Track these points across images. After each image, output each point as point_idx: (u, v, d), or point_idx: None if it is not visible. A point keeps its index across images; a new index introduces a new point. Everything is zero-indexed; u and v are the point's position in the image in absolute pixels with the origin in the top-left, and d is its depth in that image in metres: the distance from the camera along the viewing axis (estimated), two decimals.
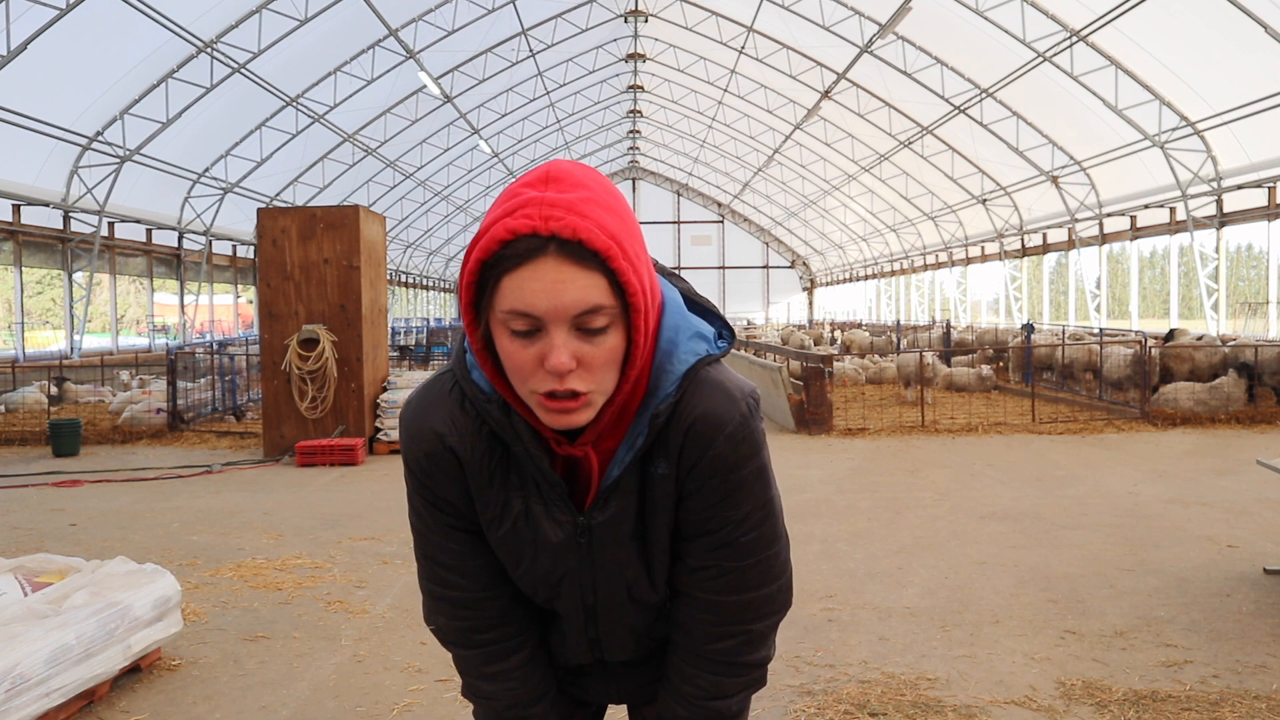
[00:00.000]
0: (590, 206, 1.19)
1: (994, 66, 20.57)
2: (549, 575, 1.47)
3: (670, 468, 1.38)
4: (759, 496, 1.43)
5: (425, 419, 1.42)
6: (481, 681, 1.57)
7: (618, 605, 1.51)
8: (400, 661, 4.41)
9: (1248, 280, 26.44)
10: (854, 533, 6.83)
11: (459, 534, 1.49)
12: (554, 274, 1.16)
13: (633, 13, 27.91)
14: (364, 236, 10.90)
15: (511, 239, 1.17)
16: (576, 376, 1.21)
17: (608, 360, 1.23)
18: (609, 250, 1.18)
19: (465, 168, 37.23)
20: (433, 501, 1.47)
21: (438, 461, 1.42)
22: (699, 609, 1.49)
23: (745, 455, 1.38)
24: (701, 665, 1.52)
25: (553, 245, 1.16)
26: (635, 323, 1.23)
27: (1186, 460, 9.70)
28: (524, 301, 1.17)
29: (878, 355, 20.13)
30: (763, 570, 1.47)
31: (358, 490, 8.84)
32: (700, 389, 1.35)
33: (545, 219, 1.16)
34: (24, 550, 6.42)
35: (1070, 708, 3.76)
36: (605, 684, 1.68)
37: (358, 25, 21.32)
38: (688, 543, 1.46)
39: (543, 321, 1.18)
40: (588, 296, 1.18)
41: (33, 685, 3.52)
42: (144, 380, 17.04)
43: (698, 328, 1.39)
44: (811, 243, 47.65)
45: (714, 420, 1.35)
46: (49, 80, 16.48)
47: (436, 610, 1.55)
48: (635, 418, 1.34)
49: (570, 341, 1.20)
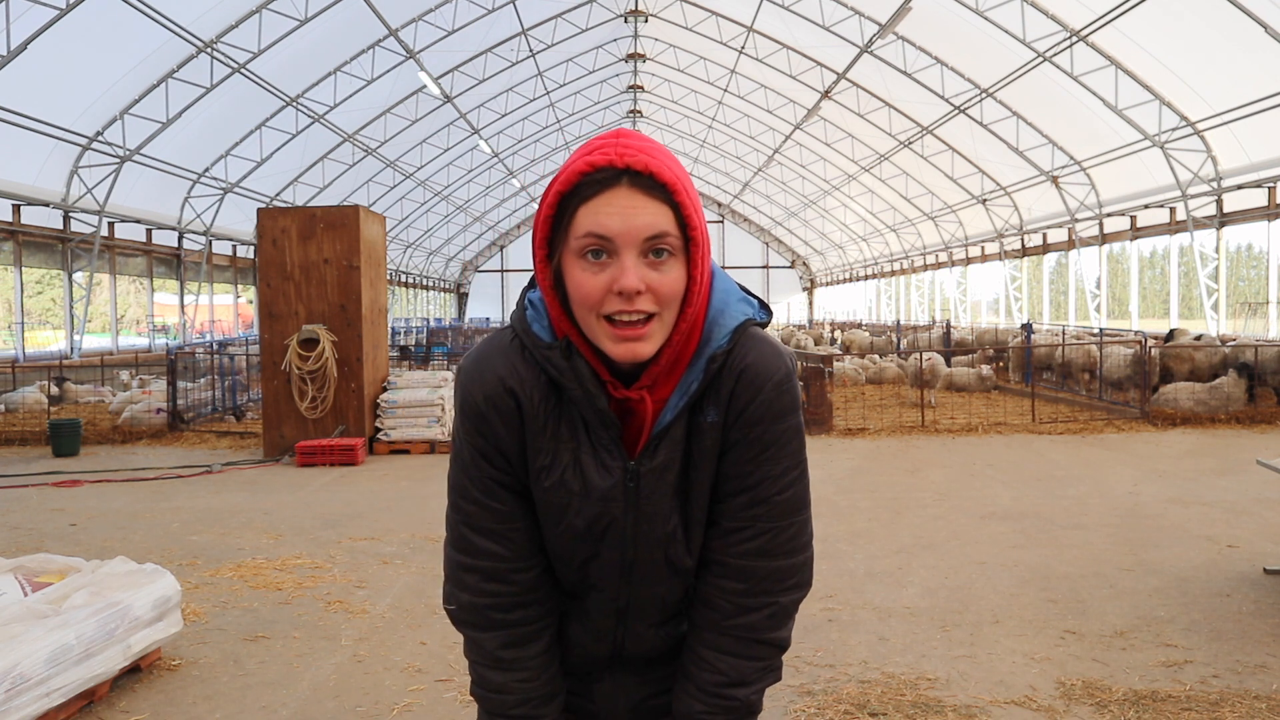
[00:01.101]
0: (658, 151, 1.35)
1: (994, 66, 20.57)
2: (592, 527, 1.49)
3: (719, 414, 1.46)
4: (795, 455, 1.50)
5: (487, 366, 1.48)
6: (494, 672, 1.55)
7: (654, 565, 1.53)
8: (400, 661, 4.41)
9: (1248, 280, 26.43)
10: (854, 533, 6.83)
11: (503, 491, 1.50)
12: (627, 200, 1.32)
13: (633, 13, 27.91)
14: (364, 236, 10.90)
15: (591, 170, 1.32)
16: (643, 299, 1.32)
17: (671, 289, 1.35)
18: (675, 184, 1.33)
19: (465, 168, 37.22)
20: (483, 453, 1.49)
21: (497, 404, 1.46)
22: (729, 576, 1.52)
23: (788, 407, 1.48)
24: (724, 645, 1.53)
25: (626, 177, 1.32)
26: (694, 257, 1.36)
27: (1186, 460, 9.70)
28: (600, 224, 1.31)
29: (877, 355, 20.13)
30: (794, 535, 1.52)
31: (358, 490, 8.84)
32: (751, 341, 1.46)
33: (621, 154, 1.32)
34: (24, 550, 6.42)
35: (1070, 708, 3.76)
36: (614, 693, 1.67)
37: (358, 25, 21.31)
38: (725, 502, 1.51)
39: (615, 244, 1.31)
40: (657, 222, 1.32)
41: (33, 685, 3.52)
42: (144, 380, 17.04)
43: (745, 295, 1.51)
44: (811, 243, 47.65)
45: (764, 368, 1.45)
46: (49, 80, 16.47)
47: (461, 585, 1.54)
48: (689, 365, 1.43)
49: (639, 265, 1.32)
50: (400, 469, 9.99)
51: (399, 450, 11.00)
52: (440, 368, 20.62)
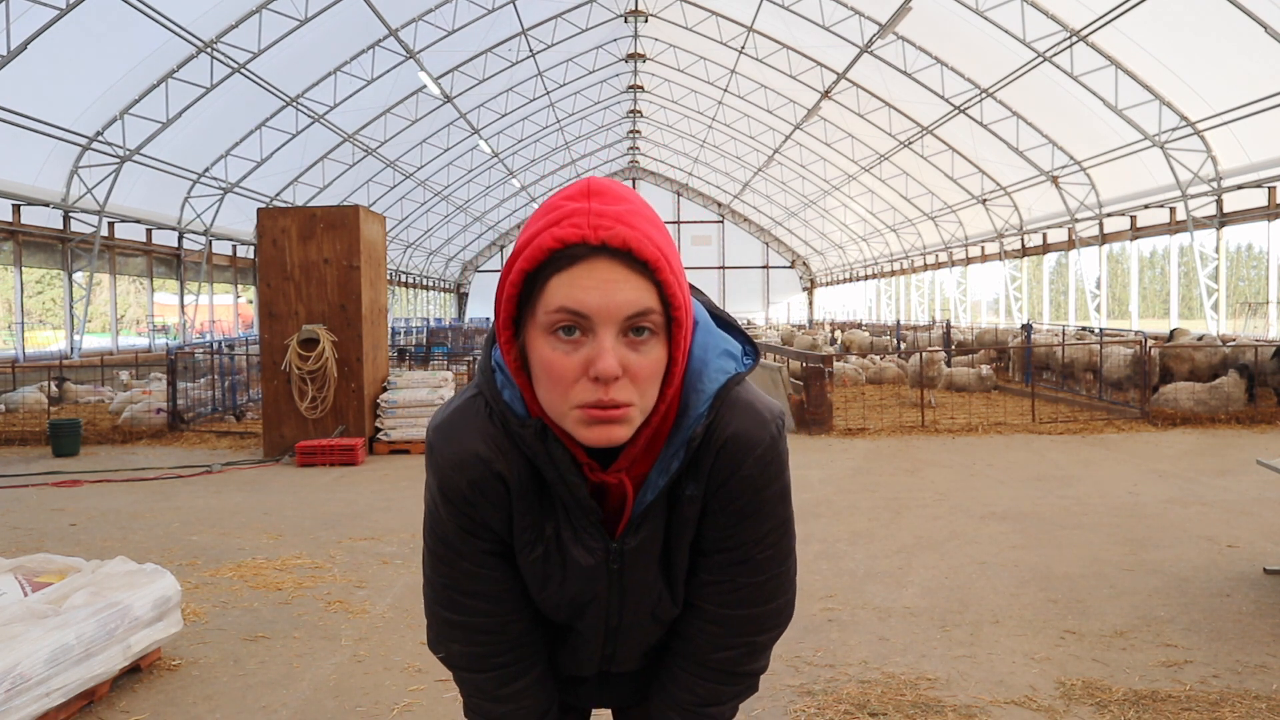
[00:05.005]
0: (636, 219, 1.18)
1: (994, 66, 20.57)
2: (576, 599, 1.45)
3: (699, 488, 1.37)
4: (779, 515, 1.43)
5: (466, 444, 1.34)
6: (492, 704, 1.54)
7: (639, 625, 1.51)
8: (400, 661, 4.41)
9: (1248, 280, 26.44)
10: (854, 533, 6.83)
11: (493, 559, 1.44)
12: (607, 273, 1.16)
13: (633, 13, 27.91)
14: (364, 236, 10.90)
15: (560, 248, 1.15)
16: (622, 387, 1.18)
17: (652, 372, 1.21)
18: (657, 261, 1.17)
19: (465, 168, 37.22)
20: (470, 530, 1.40)
21: (484, 489, 1.35)
22: (707, 620, 1.49)
23: (772, 476, 1.38)
24: (702, 674, 1.52)
25: (604, 252, 1.16)
26: (676, 338, 1.23)
27: (1186, 460, 9.70)
28: (575, 299, 1.15)
29: (877, 355, 20.13)
30: (774, 586, 1.47)
31: (358, 490, 8.84)
32: (732, 410, 1.34)
33: (595, 228, 1.15)
34: (24, 550, 6.42)
35: (1070, 708, 3.76)
36: (599, 691, 1.69)
37: (358, 25, 21.31)
38: (704, 557, 1.45)
39: (592, 322, 1.16)
40: (641, 299, 1.17)
41: (33, 685, 3.51)
42: (143, 373, 17.02)
43: (725, 345, 1.37)
44: (811, 243, 47.64)
45: (745, 441, 1.34)
46: (49, 80, 16.47)
47: (449, 638, 1.50)
48: (668, 440, 1.32)
49: (618, 346, 1.17)
50: (400, 469, 9.99)
51: (399, 450, 11.00)
52: (440, 368, 20.62)
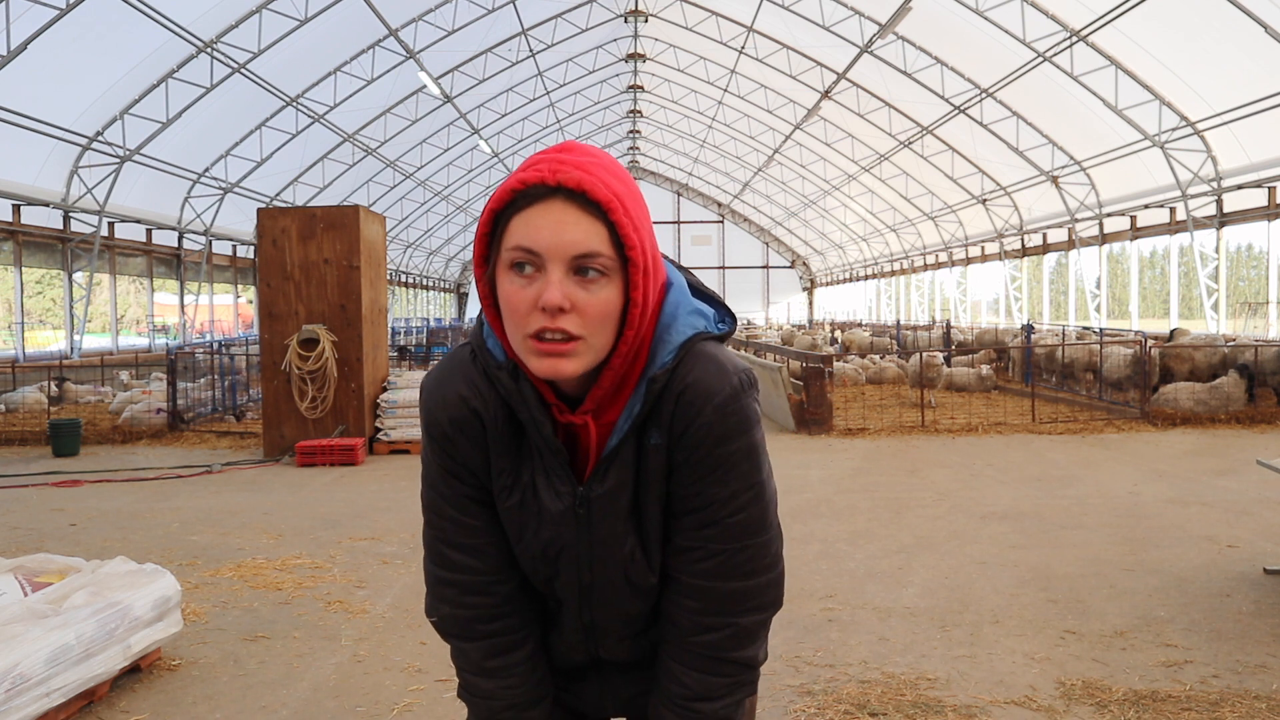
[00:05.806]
0: (597, 169, 1.28)
1: (994, 66, 20.57)
2: (548, 549, 1.47)
3: (663, 437, 1.40)
4: (748, 477, 1.43)
5: (449, 385, 1.45)
6: (481, 678, 1.55)
7: (613, 586, 1.50)
8: (400, 661, 4.41)
9: (1248, 280, 26.46)
10: (854, 533, 6.83)
11: (475, 506, 1.50)
12: (559, 214, 1.26)
13: (633, 13, 27.91)
14: (364, 236, 10.90)
15: (522, 189, 1.27)
16: (568, 318, 1.26)
17: (601, 311, 1.28)
18: (610, 203, 1.26)
19: (465, 168, 37.24)
20: (452, 471, 1.48)
21: (462, 426, 1.44)
22: (686, 594, 1.48)
23: (733, 429, 1.39)
24: (688, 660, 1.50)
25: (560, 193, 1.26)
26: (633, 279, 1.29)
27: (1186, 460, 9.70)
28: (528, 237, 1.26)
29: (877, 355, 20.13)
30: (750, 558, 1.45)
31: (358, 490, 8.84)
32: (695, 359, 1.39)
33: (554, 172, 1.26)
34: (24, 550, 6.42)
35: (1070, 708, 3.76)
36: (601, 691, 1.67)
37: (358, 25, 21.32)
38: (677, 519, 1.46)
39: (542, 259, 1.26)
40: (588, 240, 1.26)
41: (33, 685, 3.52)
42: (143, 373, 17.02)
43: (698, 306, 1.43)
44: (811, 243, 47.65)
45: (704, 389, 1.38)
46: (49, 80, 16.48)
47: (441, 599, 1.54)
48: (635, 388, 1.38)
49: (565, 282, 1.26)
50: (400, 469, 9.99)
51: (399, 450, 11.00)
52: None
